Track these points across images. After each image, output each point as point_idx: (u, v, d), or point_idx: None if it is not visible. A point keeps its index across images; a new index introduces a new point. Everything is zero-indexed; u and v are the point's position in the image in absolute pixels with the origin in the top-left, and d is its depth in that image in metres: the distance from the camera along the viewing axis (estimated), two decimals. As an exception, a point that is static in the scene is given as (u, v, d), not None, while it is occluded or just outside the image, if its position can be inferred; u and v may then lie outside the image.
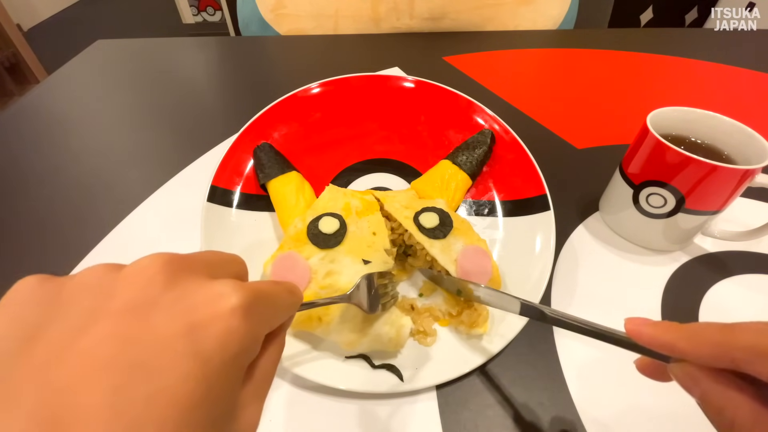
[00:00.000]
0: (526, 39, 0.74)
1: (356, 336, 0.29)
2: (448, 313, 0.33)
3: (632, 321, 0.20)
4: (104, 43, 0.77)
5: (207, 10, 2.54)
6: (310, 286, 0.31)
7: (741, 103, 0.59)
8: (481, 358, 0.30)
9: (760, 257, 0.38)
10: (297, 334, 0.31)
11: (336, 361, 0.30)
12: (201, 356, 0.13)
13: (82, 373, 0.12)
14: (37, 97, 0.62)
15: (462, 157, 0.41)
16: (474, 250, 0.33)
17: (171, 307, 0.14)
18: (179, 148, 0.52)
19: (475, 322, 0.31)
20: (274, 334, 0.19)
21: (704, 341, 0.17)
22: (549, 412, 0.29)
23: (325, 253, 0.32)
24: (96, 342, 0.12)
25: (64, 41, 2.56)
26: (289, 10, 0.74)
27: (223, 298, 0.14)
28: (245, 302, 0.15)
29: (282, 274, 0.31)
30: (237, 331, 0.14)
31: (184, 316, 0.14)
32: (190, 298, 0.14)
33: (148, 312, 0.13)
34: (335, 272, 0.31)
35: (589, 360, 0.31)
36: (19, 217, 0.43)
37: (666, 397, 0.29)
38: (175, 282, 0.15)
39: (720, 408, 0.17)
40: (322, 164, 0.44)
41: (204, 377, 0.13)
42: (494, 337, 0.31)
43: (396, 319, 0.30)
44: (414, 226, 0.34)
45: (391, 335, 0.29)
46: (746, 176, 0.32)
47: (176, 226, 0.42)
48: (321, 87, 0.46)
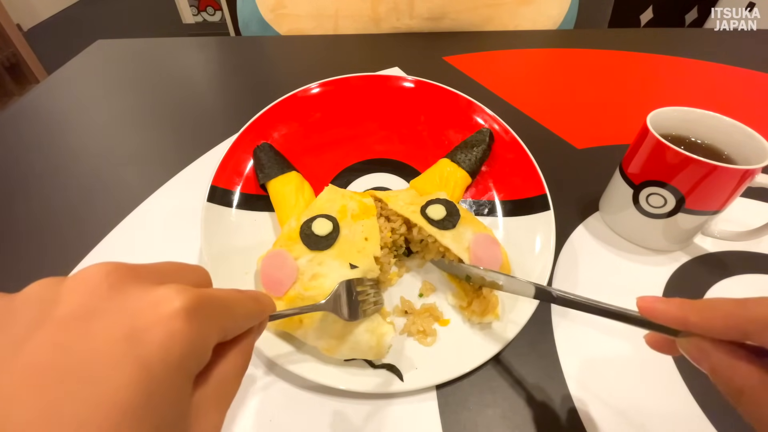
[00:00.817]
0: (526, 39, 0.74)
1: (336, 342, 0.29)
2: (459, 305, 0.34)
3: (644, 299, 0.20)
4: (104, 43, 0.77)
5: (207, 10, 2.54)
6: (295, 286, 0.30)
7: (741, 103, 0.59)
8: (481, 358, 0.30)
9: (760, 257, 0.38)
10: (279, 334, 0.31)
11: (336, 361, 0.30)
12: (141, 361, 0.13)
13: (19, 384, 0.12)
14: (37, 97, 0.62)
15: (461, 156, 0.42)
16: (484, 238, 0.34)
17: (112, 314, 0.14)
18: (179, 148, 0.52)
19: (486, 310, 0.32)
20: (237, 342, 0.18)
21: (716, 314, 0.18)
22: (549, 412, 0.29)
23: (314, 254, 0.32)
24: (34, 352, 0.12)
25: (64, 41, 2.56)
26: (289, 10, 0.74)
27: (166, 301, 0.14)
28: (189, 305, 0.14)
29: (270, 271, 0.31)
30: (180, 333, 0.14)
31: (125, 321, 0.13)
32: (133, 304, 0.14)
33: (89, 320, 0.13)
34: (321, 275, 0.31)
35: (589, 360, 0.31)
36: (19, 218, 0.43)
37: (666, 397, 0.29)
38: (119, 289, 0.14)
39: (729, 377, 0.17)
40: (322, 164, 0.44)
41: (144, 382, 0.13)
42: (493, 338, 0.31)
43: (377, 327, 0.29)
44: (423, 219, 0.35)
45: (372, 343, 0.29)
46: (746, 176, 0.32)
47: (176, 226, 0.41)
48: (321, 87, 0.46)
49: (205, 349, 0.15)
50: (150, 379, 0.13)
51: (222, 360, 0.17)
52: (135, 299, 0.14)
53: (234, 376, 0.18)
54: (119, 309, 0.14)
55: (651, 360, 0.31)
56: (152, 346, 0.13)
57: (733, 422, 0.28)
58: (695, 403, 0.29)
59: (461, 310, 0.34)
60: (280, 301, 0.30)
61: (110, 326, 0.13)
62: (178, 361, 0.14)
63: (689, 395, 0.29)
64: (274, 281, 0.31)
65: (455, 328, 0.33)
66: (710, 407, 0.29)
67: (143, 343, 0.13)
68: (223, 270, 0.34)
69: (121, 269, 0.15)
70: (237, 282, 0.34)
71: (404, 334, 0.33)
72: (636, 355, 0.32)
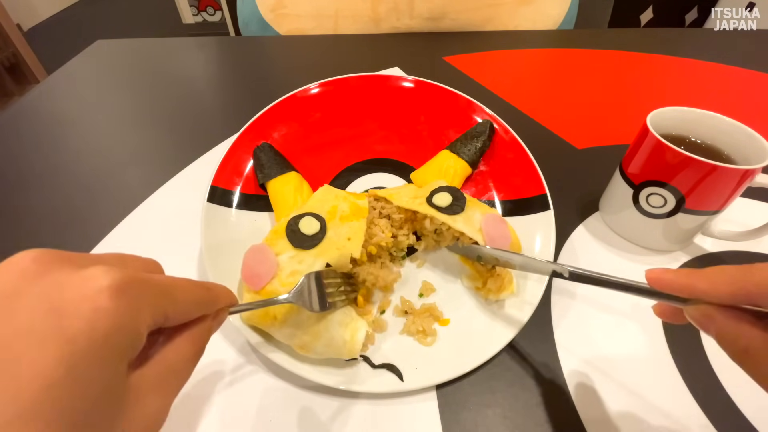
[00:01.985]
0: (526, 39, 0.74)
1: (310, 338, 0.29)
2: (474, 287, 0.35)
3: (653, 271, 0.21)
4: (104, 43, 0.77)
5: (207, 10, 2.54)
6: (273, 282, 0.30)
7: (741, 103, 0.59)
8: (481, 358, 0.30)
9: (760, 257, 0.38)
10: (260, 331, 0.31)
11: (336, 361, 0.30)
12: (65, 335, 0.13)
13: None
14: (37, 97, 0.62)
15: (462, 147, 0.42)
16: (493, 218, 0.34)
17: (38, 292, 0.14)
18: (179, 148, 0.52)
19: (502, 286, 0.33)
20: (185, 329, 0.18)
21: (722, 280, 0.19)
22: (549, 412, 0.29)
23: (296, 252, 0.32)
24: None
25: (64, 41, 2.56)
26: (289, 10, 0.74)
27: (92, 279, 0.14)
28: (116, 283, 0.14)
29: (251, 264, 0.31)
30: (105, 310, 0.14)
31: (52, 298, 0.14)
32: (60, 284, 0.14)
33: (14, 299, 0.13)
34: (300, 272, 0.30)
35: (589, 360, 0.31)
36: (19, 218, 0.43)
37: (666, 397, 0.29)
38: (48, 271, 0.14)
39: (734, 338, 0.18)
40: (323, 164, 0.44)
41: (67, 356, 0.13)
42: (494, 338, 0.31)
43: (350, 321, 0.29)
44: (432, 209, 0.35)
45: (346, 338, 0.29)
46: (746, 176, 0.32)
47: (176, 226, 0.41)
48: (321, 87, 0.46)
49: (134, 328, 0.15)
50: (72, 352, 0.13)
51: (168, 346, 0.17)
52: (62, 279, 0.14)
53: (181, 362, 0.18)
54: (45, 287, 0.14)
55: (651, 360, 0.31)
56: (77, 321, 0.13)
57: (733, 422, 0.28)
58: (695, 403, 0.29)
59: (477, 291, 0.35)
60: (257, 296, 0.30)
61: (35, 304, 0.13)
62: (104, 337, 0.14)
63: (689, 395, 0.29)
64: (253, 274, 0.31)
65: (455, 328, 0.33)
66: (710, 407, 0.29)
67: (68, 317, 0.13)
68: (223, 270, 0.33)
69: (51, 253, 0.15)
70: (237, 282, 0.34)
71: (404, 334, 0.33)
72: (636, 355, 0.32)
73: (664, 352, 0.32)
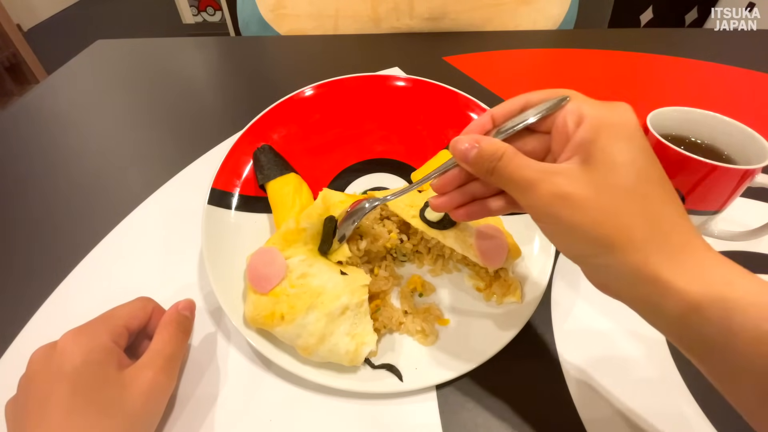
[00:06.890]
0: (526, 39, 0.74)
1: (314, 341, 0.29)
2: (476, 286, 0.36)
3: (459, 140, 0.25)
4: (104, 43, 0.77)
5: (207, 10, 2.54)
6: (282, 283, 0.31)
7: (741, 103, 0.59)
8: (481, 358, 0.30)
9: (760, 257, 0.38)
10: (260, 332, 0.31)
11: (336, 363, 0.30)
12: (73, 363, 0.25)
13: None
14: (37, 97, 0.62)
15: None
16: (486, 229, 0.34)
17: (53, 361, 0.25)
18: (179, 148, 0.52)
19: (507, 292, 0.33)
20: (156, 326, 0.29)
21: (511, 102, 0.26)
22: (549, 412, 0.29)
23: (306, 256, 0.32)
24: None
25: (64, 41, 2.56)
26: (289, 10, 0.74)
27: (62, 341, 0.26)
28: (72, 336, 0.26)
29: (258, 267, 0.31)
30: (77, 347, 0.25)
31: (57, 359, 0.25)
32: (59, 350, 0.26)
33: None
34: (310, 275, 0.31)
35: (589, 360, 0.31)
36: (19, 218, 0.43)
37: (666, 397, 0.29)
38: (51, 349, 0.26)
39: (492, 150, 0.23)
40: (322, 165, 0.44)
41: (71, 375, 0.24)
42: (493, 338, 0.31)
43: (359, 334, 0.30)
44: (423, 224, 0.34)
45: (350, 348, 0.29)
46: (746, 176, 0.32)
47: (176, 227, 0.41)
48: (320, 88, 0.46)
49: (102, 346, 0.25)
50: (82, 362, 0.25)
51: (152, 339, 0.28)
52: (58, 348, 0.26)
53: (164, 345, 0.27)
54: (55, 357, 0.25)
55: (651, 360, 0.31)
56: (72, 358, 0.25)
57: (733, 422, 0.28)
58: (695, 403, 0.29)
59: (478, 291, 0.35)
60: (264, 297, 0.30)
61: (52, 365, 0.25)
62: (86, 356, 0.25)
63: (689, 395, 0.29)
64: (260, 277, 0.31)
65: (455, 328, 0.33)
66: (710, 407, 0.29)
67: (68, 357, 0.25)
68: (224, 271, 0.34)
69: None
70: (237, 281, 0.34)
71: (404, 334, 0.33)
72: (636, 355, 0.32)
73: (664, 352, 0.32)
